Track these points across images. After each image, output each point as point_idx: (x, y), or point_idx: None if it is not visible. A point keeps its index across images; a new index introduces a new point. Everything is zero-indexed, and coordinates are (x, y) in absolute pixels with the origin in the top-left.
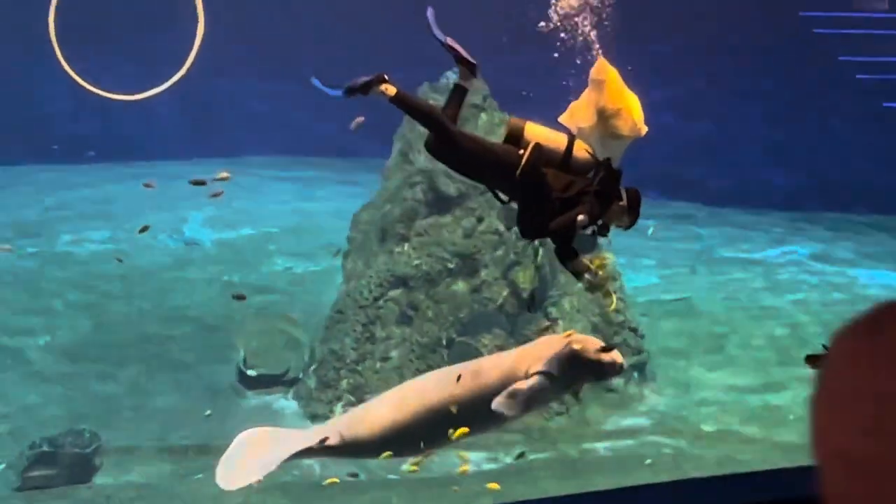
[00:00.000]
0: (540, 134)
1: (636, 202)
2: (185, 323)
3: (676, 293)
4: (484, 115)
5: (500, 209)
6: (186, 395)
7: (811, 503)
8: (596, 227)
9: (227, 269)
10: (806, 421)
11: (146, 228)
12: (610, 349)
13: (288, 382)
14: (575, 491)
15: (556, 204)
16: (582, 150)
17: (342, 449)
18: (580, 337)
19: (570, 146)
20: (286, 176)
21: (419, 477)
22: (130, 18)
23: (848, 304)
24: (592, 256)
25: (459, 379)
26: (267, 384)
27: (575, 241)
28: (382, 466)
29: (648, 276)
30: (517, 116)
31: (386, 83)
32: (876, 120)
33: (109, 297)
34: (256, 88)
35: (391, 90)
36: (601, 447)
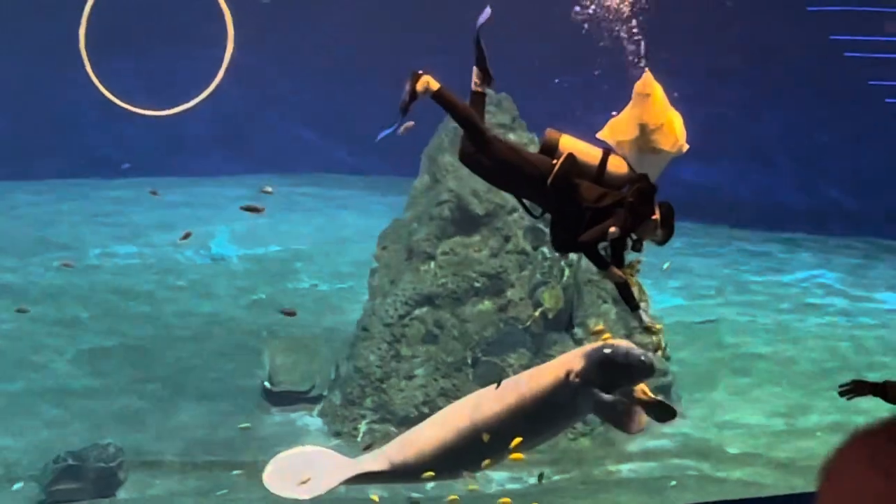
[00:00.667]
0: (575, 146)
1: (669, 217)
2: (210, 339)
3: (703, 315)
4: (512, 135)
5: (526, 229)
6: (211, 410)
7: None
8: (630, 240)
9: (253, 285)
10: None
11: (188, 235)
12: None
13: (313, 399)
14: None
15: (586, 215)
16: (617, 165)
17: (393, 474)
18: (612, 341)
19: (604, 159)
20: (314, 193)
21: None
22: (161, 34)
23: (875, 328)
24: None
25: (498, 387)
26: (292, 401)
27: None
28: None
29: (674, 297)
30: (554, 129)
31: (425, 78)
32: None
33: (136, 311)
34: (286, 106)
35: (434, 85)
36: (625, 469)
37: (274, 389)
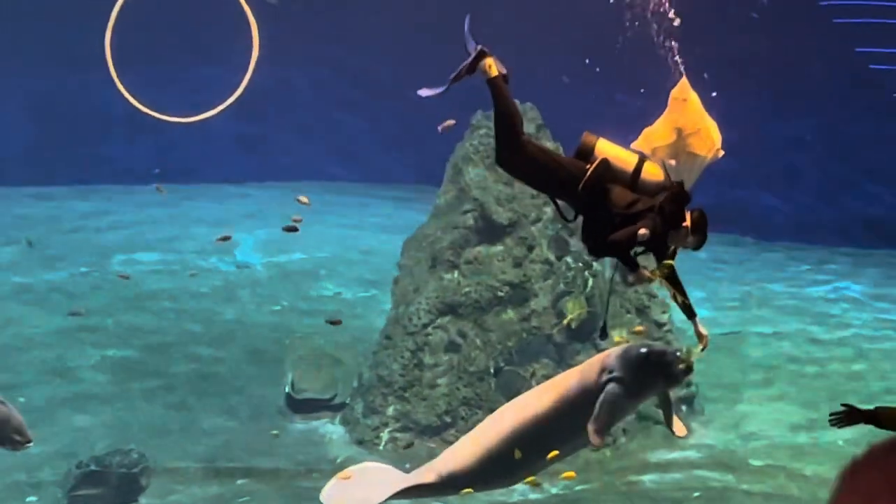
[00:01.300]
0: (611, 151)
1: (702, 224)
2: (234, 345)
3: (726, 327)
4: None
5: (550, 239)
6: (234, 417)
7: None
8: (665, 247)
9: (276, 293)
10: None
11: (227, 238)
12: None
13: (335, 407)
14: None
15: (617, 220)
16: (653, 172)
17: (442, 486)
18: (649, 342)
19: (639, 166)
20: (338, 201)
21: None
22: (187, 41)
23: None
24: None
25: (535, 389)
26: (314, 408)
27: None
28: None
29: (698, 309)
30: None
31: (490, 60)
32: None
33: (160, 318)
34: (311, 114)
35: (494, 71)
36: (648, 479)
37: (296, 397)
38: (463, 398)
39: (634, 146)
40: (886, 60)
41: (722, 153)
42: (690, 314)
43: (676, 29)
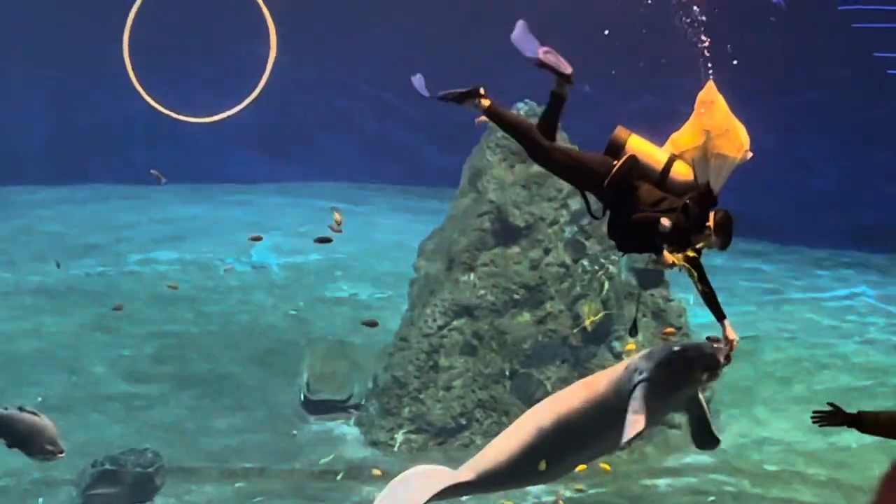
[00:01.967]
0: (641, 148)
1: (725, 224)
2: (249, 346)
3: (743, 331)
4: None
5: (566, 242)
6: (249, 418)
7: None
8: (688, 246)
9: (292, 293)
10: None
11: (259, 238)
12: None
13: (350, 408)
14: None
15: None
16: (682, 172)
17: (482, 484)
18: (679, 343)
19: (668, 164)
20: (354, 202)
21: None
22: (206, 40)
23: None
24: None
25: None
26: (329, 409)
27: (643, 278)
28: None
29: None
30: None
31: (482, 96)
32: None
33: (175, 318)
34: (329, 114)
35: (485, 102)
36: (662, 483)
37: (312, 398)
38: (478, 400)
39: (662, 150)
40: None
41: (750, 154)
42: (720, 316)
43: (701, 31)
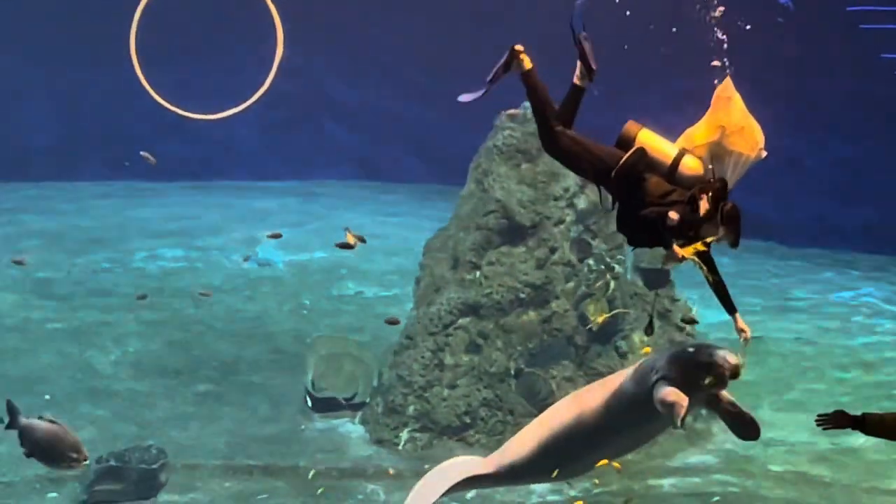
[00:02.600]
0: (651, 142)
1: (733, 217)
2: (254, 343)
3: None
4: None
5: (572, 241)
6: (253, 415)
7: None
8: (697, 239)
9: (298, 291)
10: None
11: (278, 235)
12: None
13: (355, 406)
14: None
15: (650, 208)
16: (691, 166)
17: (501, 478)
18: (697, 343)
19: (678, 158)
20: (360, 200)
21: None
22: (212, 36)
23: None
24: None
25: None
26: (334, 407)
27: (649, 277)
28: None
29: (721, 313)
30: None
31: (523, 54)
32: None
33: (181, 314)
34: (336, 112)
35: (528, 63)
36: (667, 483)
37: (317, 395)
38: (483, 399)
39: (675, 144)
40: None
41: (765, 153)
42: (731, 309)
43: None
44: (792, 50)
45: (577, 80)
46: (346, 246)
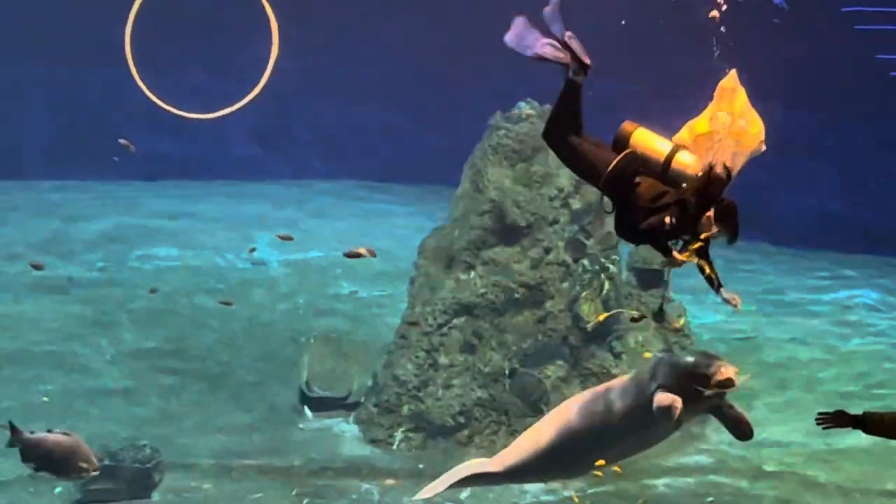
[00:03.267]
0: (645, 142)
1: (728, 214)
2: (249, 343)
3: (743, 332)
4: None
5: (567, 241)
6: (248, 415)
7: None
8: (696, 237)
9: (292, 290)
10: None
11: (289, 238)
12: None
13: (349, 406)
14: None
15: (643, 212)
16: (685, 163)
17: (505, 476)
18: (697, 352)
19: (670, 156)
20: (354, 200)
21: None
22: (208, 36)
23: None
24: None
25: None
26: (328, 407)
27: (643, 277)
28: None
29: (714, 313)
30: (632, 121)
31: (587, 65)
32: None
33: (175, 314)
34: (330, 112)
35: (581, 79)
36: (660, 484)
37: (311, 395)
38: (477, 399)
39: (676, 137)
40: None
41: (764, 147)
42: (716, 286)
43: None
44: (787, 50)
45: (571, 75)
46: (355, 255)
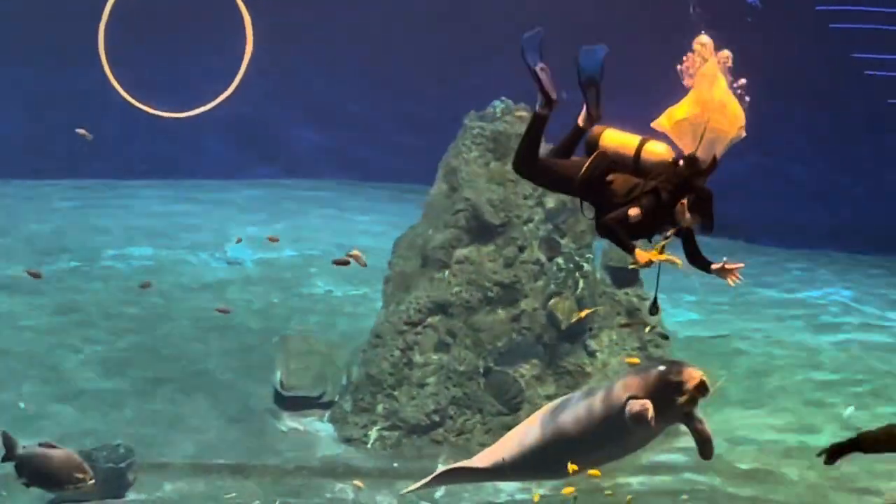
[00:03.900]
0: (613, 140)
1: (702, 203)
2: (223, 342)
3: (717, 331)
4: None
5: (541, 240)
6: (222, 414)
7: None
8: (675, 228)
9: (267, 289)
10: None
11: (275, 239)
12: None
13: (324, 405)
14: None
15: (619, 208)
16: (653, 152)
17: (490, 473)
18: (669, 361)
19: (639, 148)
20: (330, 199)
21: None
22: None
23: (889, 348)
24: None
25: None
26: (303, 406)
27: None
28: None
29: (689, 312)
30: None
31: (555, 103)
32: None
33: (149, 313)
34: (303, 111)
35: (543, 111)
36: (635, 481)
37: (286, 394)
38: (452, 397)
39: (655, 124)
40: (882, 67)
41: (744, 134)
42: (708, 266)
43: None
44: (761, 50)
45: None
46: (343, 262)
